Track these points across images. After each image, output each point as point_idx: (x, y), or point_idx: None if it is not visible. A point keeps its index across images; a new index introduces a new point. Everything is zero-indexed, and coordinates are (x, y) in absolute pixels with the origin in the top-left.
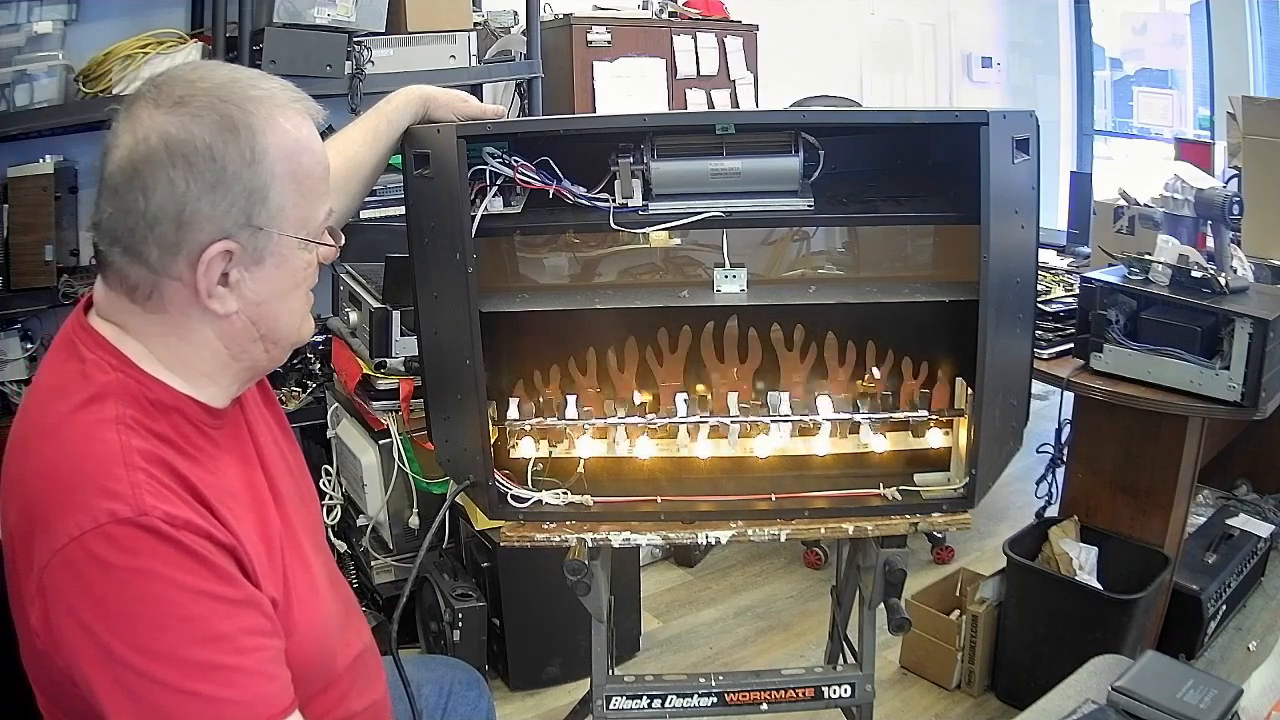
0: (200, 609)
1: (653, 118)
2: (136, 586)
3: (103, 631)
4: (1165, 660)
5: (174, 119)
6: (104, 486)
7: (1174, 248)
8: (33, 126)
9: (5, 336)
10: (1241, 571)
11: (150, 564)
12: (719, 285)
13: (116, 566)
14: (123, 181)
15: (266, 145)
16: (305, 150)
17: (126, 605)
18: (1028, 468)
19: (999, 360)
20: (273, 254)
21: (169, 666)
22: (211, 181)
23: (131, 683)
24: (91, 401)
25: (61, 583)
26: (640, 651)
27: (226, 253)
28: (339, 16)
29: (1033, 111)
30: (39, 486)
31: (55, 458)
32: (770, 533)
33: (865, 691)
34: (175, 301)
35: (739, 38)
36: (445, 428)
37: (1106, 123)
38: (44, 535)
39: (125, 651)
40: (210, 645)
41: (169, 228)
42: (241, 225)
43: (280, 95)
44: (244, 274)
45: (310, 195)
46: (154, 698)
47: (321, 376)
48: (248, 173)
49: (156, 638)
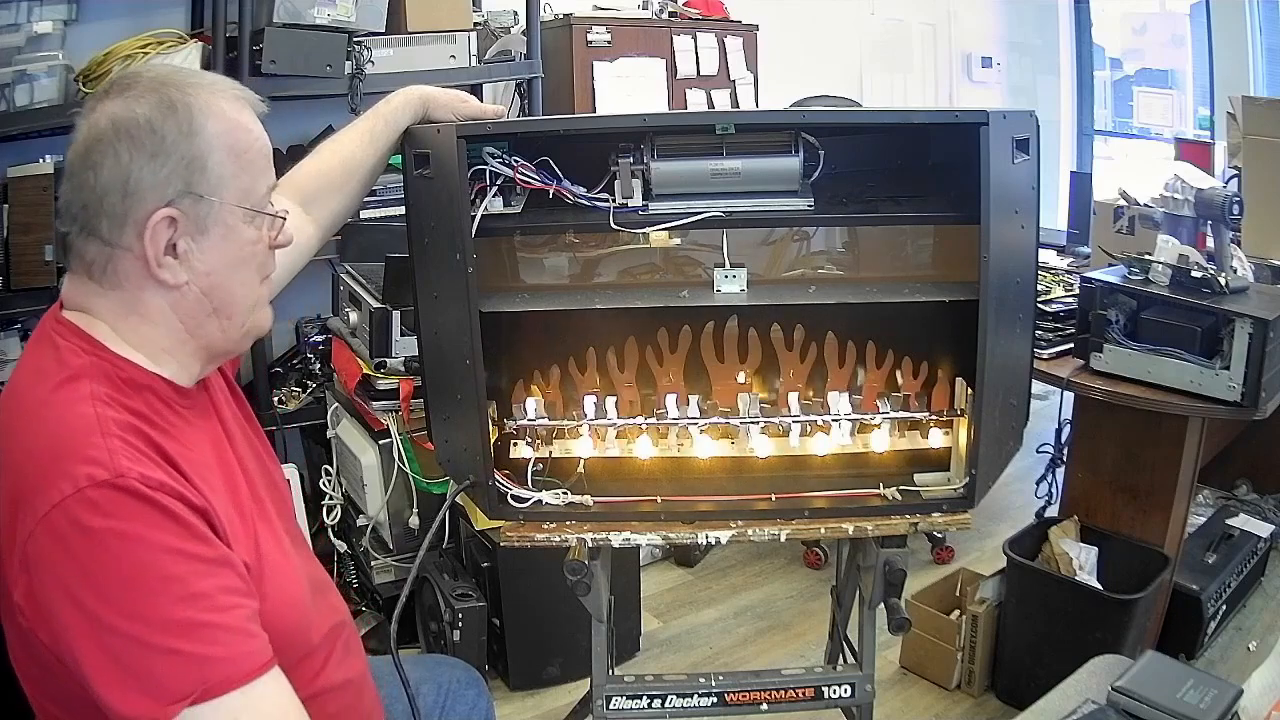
0: (179, 568)
1: (653, 118)
2: (116, 548)
3: (86, 595)
4: (1165, 660)
5: (119, 102)
6: (82, 454)
7: (1174, 248)
8: (33, 126)
9: (5, 336)
10: (1241, 571)
11: (128, 525)
12: (719, 285)
13: (96, 529)
14: (77, 163)
15: (204, 121)
16: (243, 129)
17: (108, 567)
18: (1028, 468)
19: (999, 360)
20: (217, 223)
21: (152, 627)
22: (151, 151)
23: (117, 646)
24: (67, 382)
25: (44, 551)
26: (640, 651)
27: (170, 219)
28: (339, 16)
29: (1033, 111)
30: (20, 465)
31: (35, 435)
32: (770, 533)
33: (865, 691)
34: (130, 275)
35: (739, 38)
36: (445, 428)
37: (1106, 123)
38: (26, 509)
39: (108, 614)
40: (190, 604)
41: (116, 199)
42: (183, 193)
43: (220, 84)
44: (191, 244)
45: (250, 168)
46: (139, 659)
47: (321, 376)
48: (185, 143)
49: (138, 599)
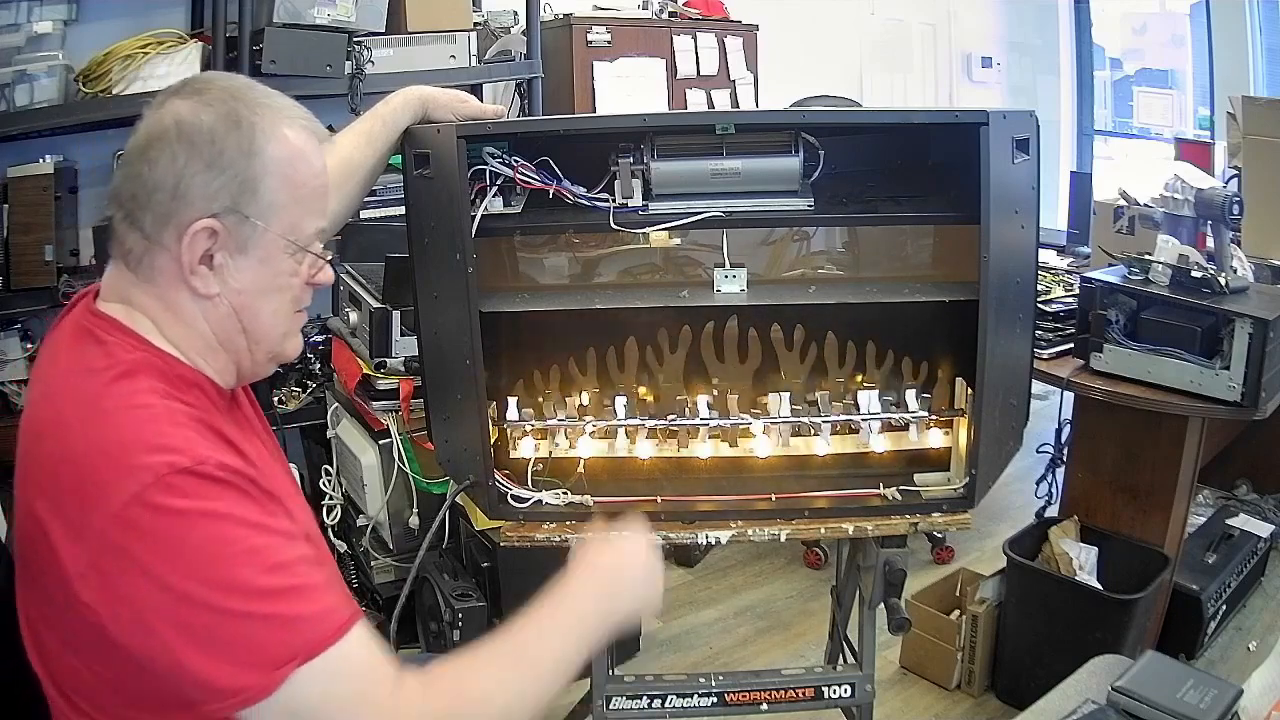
0: (262, 540)
1: (653, 118)
2: (202, 527)
3: (177, 578)
4: (1165, 660)
5: (188, 104)
6: (157, 444)
7: (1174, 248)
8: (33, 126)
9: (5, 336)
10: (1241, 571)
11: (212, 505)
12: (719, 285)
13: (180, 511)
14: (135, 153)
15: (265, 144)
16: (304, 160)
17: (196, 546)
18: (1028, 468)
19: (999, 360)
20: (258, 247)
21: (249, 597)
22: (208, 161)
23: (216, 624)
24: (123, 377)
25: (125, 543)
26: (640, 651)
27: (211, 231)
28: (339, 16)
29: (1033, 111)
30: (86, 460)
31: (100, 429)
32: (770, 533)
33: (865, 691)
34: (164, 273)
35: (739, 38)
36: (445, 428)
37: (1106, 123)
38: (98, 504)
39: (203, 592)
40: (279, 572)
41: (165, 197)
42: (229, 209)
43: (290, 110)
44: (228, 259)
45: (303, 203)
46: (240, 631)
47: (321, 376)
48: (243, 162)
49: (230, 572)
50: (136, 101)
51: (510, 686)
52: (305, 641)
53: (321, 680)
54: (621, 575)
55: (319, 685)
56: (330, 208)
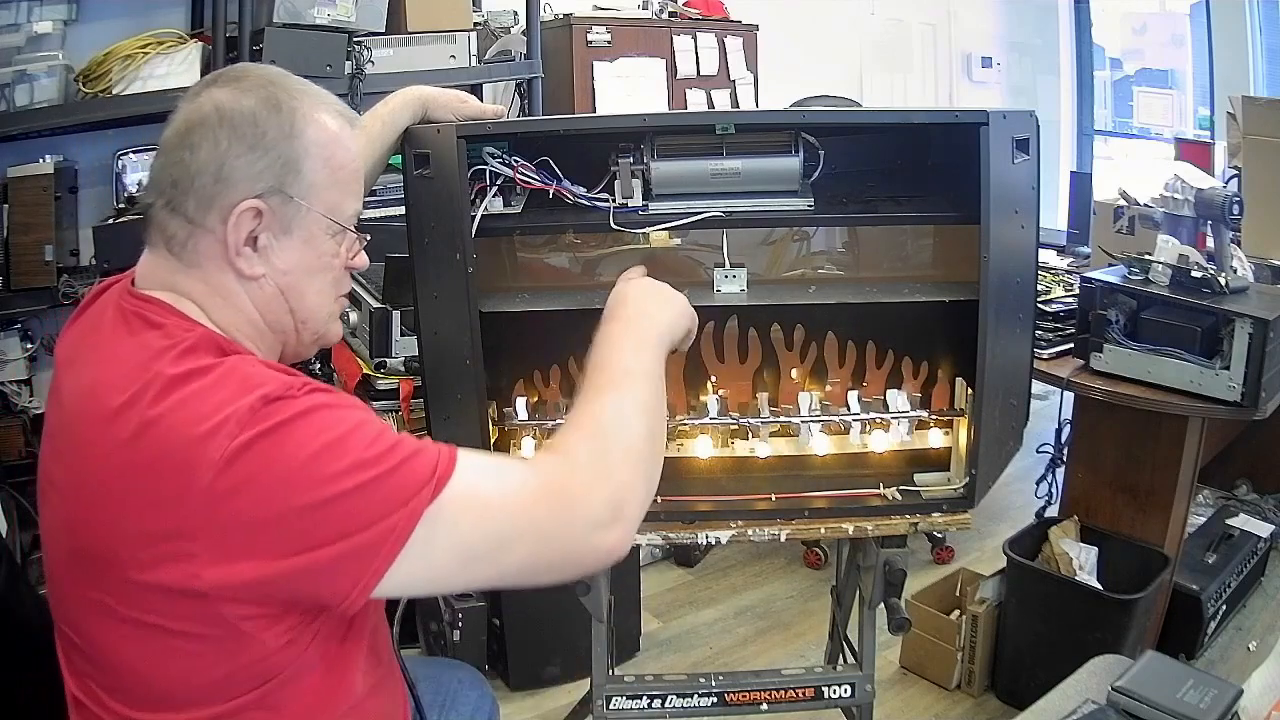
0: (357, 416)
1: (653, 118)
2: (303, 426)
3: (296, 483)
4: (1165, 660)
5: (227, 91)
6: (244, 387)
7: (1174, 248)
8: (33, 126)
9: (5, 336)
10: (1241, 571)
11: (303, 405)
12: (719, 285)
13: (279, 425)
14: (175, 140)
15: (305, 127)
16: (341, 145)
17: (304, 444)
18: (1028, 468)
19: (999, 360)
20: (301, 227)
21: (365, 466)
22: (250, 143)
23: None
24: (189, 352)
25: (235, 485)
26: (640, 651)
27: (256, 211)
28: (339, 16)
29: (1033, 111)
30: (170, 434)
31: (180, 402)
32: (770, 533)
33: (865, 691)
34: (209, 256)
35: (739, 38)
36: (445, 428)
37: (1106, 123)
38: (198, 464)
39: (323, 486)
40: (382, 436)
41: (208, 180)
42: (273, 190)
43: (325, 96)
44: (272, 240)
45: (342, 184)
46: (373, 494)
47: (321, 376)
48: (285, 143)
49: (343, 453)
50: (136, 101)
51: (634, 403)
52: (430, 468)
53: (466, 488)
54: (644, 302)
55: (465, 495)
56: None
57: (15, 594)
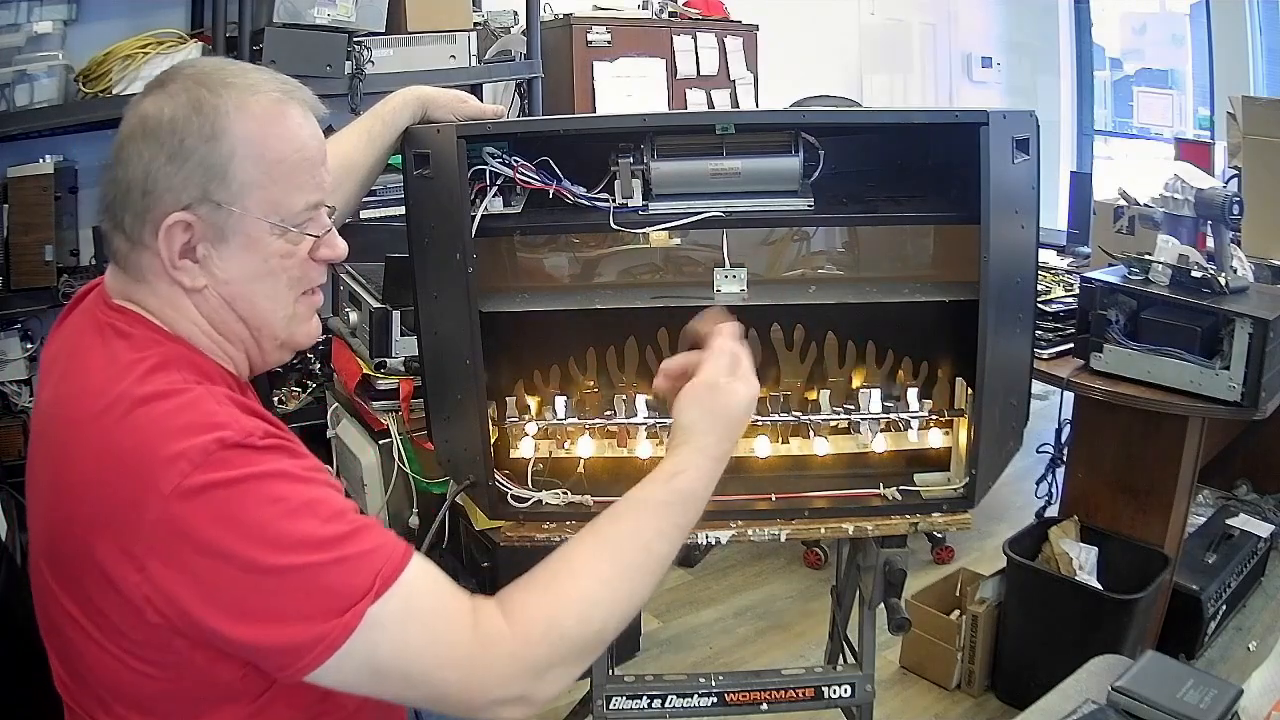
0: (316, 492)
1: (653, 118)
2: (258, 489)
3: (240, 546)
4: (1165, 660)
5: (153, 99)
6: (202, 424)
7: (1174, 248)
8: (33, 126)
9: (5, 336)
10: (1241, 571)
11: (265, 466)
12: (719, 285)
13: (235, 480)
14: (113, 157)
15: (228, 125)
16: (276, 135)
17: (256, 509)
18: (1028, 468)
19: (999, 360)
20: (238, 233)
21: (314, 548)
22: (170, 153)
23: (283, 584)
24: (156, 370)
25: (185, 526)
26: (640, 651)
27: (185, 224)
28: (339, 16)
29: (1033, 111)
30: (131, 455)
31: (141, 424)
32: (770, 533)
33: (865, 691)
34: (151, 270)
35: (739, 38)
36: (445, 428)
37: (1106, 123)
38: (149, 493)
39: (267, 554)
40: (339, 518)
41: (138, 195)
42: (199, 199)
43: (265, 84)
44: (210, 250)
45: (282, 180)
46: (307, 582)
47: (321, 376)
48: (204, 148)
49: (290, 527)
50: None
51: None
52: (373, 576)
53: (397, 618)
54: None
55: (394, 625)
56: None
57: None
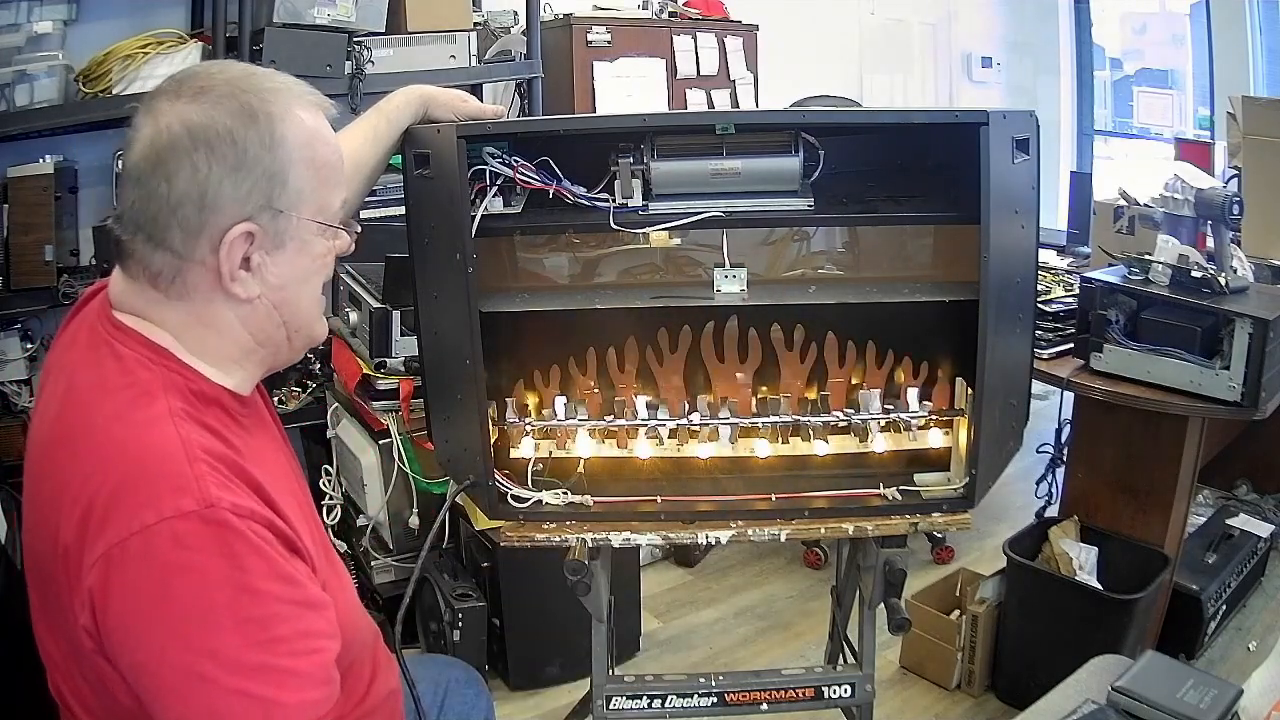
0: (260, 610)
1: (653, 118)
2: (196, 585)
3: (159, 627)
4: (1165, 660)
5: (195, 107)
6: (170, 481)
7: (1174, 248)
8: (33, 126)
9: (5, 336)
10: (1241, 571)
11: (211, 562)
12: (719, 285)
13: (177, 564)
14: (146, 170)
15: (285, 132)
16: (320, 140)
17: (186, 603)
18: (1028, 468)
19: (999, 360)
20: (293, 238)
21: (223, 667)
22: (233, 164)
23: (185, 681)
24: (140, 398)
25: (122, 577)
26: (640, 651)
27: (248, 234)
28: (339, 16)
29: (1033, 111)
30: (97, 485)
31: (112, 456)
32: (770, 533)
33: (865, 691)
34: (199, 287)
35: (739, 38)
36: (445, 428)
37: (1106, 123)
38: (102, 531)
39: (179, 650)
40: (267, 649)
41: (192, 211)
42: (262, 207)
43: (295, 88)
44: (265, 258)
45: (327, 182)
46: (205, 695)
47: (321, 376)
48: (267, 156)
49: (213, 637)
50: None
51: None
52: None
53: None
54: None
55: None
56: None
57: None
